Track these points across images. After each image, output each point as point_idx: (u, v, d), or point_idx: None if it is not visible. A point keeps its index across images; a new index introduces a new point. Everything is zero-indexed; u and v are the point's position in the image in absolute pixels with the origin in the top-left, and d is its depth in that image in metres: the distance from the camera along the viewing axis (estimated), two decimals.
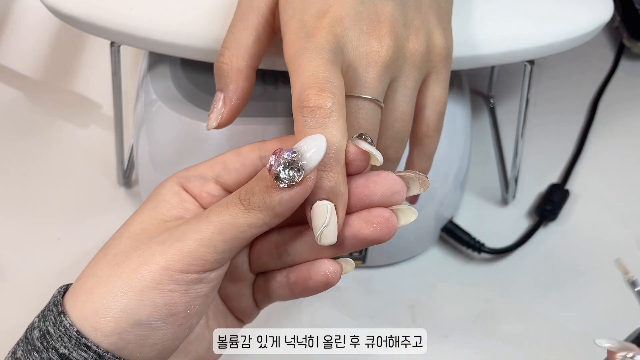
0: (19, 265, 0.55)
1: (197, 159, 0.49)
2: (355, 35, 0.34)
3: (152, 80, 0.51)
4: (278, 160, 0.30)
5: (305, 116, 0.31)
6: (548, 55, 0.46)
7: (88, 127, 0.63)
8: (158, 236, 0.32)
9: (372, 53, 0.34)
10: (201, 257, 0.31)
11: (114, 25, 0.44)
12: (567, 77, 0.68)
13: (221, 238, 0.31)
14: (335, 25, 0.33)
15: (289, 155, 0.30)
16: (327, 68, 0.31)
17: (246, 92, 0.37)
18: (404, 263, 0.57)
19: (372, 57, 0.34)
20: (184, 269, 0.31)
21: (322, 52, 0.32)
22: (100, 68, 0.66)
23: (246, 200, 0.31)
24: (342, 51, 0.33)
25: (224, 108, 0.37)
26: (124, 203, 0.59)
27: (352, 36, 0.34)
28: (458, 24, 0.44)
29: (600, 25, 0.46)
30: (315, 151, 0.30)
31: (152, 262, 0.31)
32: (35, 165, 0.61)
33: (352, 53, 0.34)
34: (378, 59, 0.34)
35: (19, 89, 0.66)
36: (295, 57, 0.32)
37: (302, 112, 0.31)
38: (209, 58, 0.44)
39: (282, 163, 0.30)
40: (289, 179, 0.30)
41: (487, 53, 0.45)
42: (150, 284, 0.31)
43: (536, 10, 0.46)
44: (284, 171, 0.30)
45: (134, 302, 0.31)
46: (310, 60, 0.32)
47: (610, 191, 0.61)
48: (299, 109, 0.31)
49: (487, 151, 0.63)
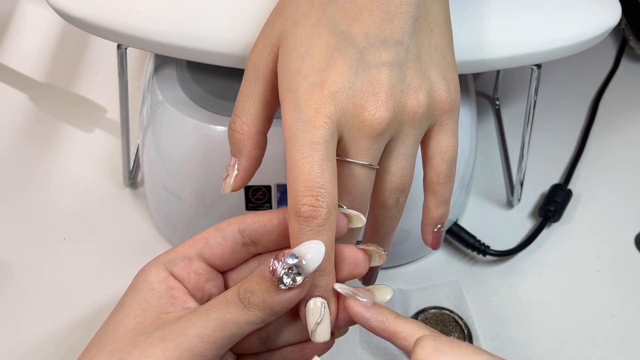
0: (25, 265, 0.55)
1: (202, 159, 0.50)
2: (349, 110, 0.34)
3: (158, 81, 0.51)
4: (281, 264, 0.32)
5: (301, 224, 0.33)
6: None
7: (94, 128, 0.63)
8: (156, 331, 0.33)
9: (365, 126, 0.34)
10: (201, 353, 0.32)
11: (121, 28, 0.44)
12: (567, 76, 0.68)
13: (221, 335, 0.32)
14: (329, 103, 0.34)
15: (292, 260, 0.32)
16: (321, 168, 0.33)
17: (258, 158, 0.38)
18: (408, 265, 0.57)
19: (364, 130, 0.34)
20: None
21: (317, 146, 0.33)
22: (106, 70, 0.66)
23: (246, 299, 0.33)
24: (336, 129, 0.34)
25: (237, 172, 0.38)
26: (130, 204, 0.59)
27: (346, 111, 0.34)
28: (467, 29, 0.44)
29: (608, 30, 0.46)
30: (314, 256, 0.32)
31: (153, 358, 0.32)
32: (40, 166, 0.61)
33: (346, 126, 0.35)
34: (371, 131, 0.35)
35: (24, 91, 0.66)
36: (290, 145, 0.34)
37: (298, 220, 0.33)
38: (216, 61, 0.44)
39: (285, 267, 0.32)
40: (291, 283, 0.32)
41: (494, 57, 0.45)
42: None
43: (544, 14, 0.46)
44: (287, 276, 0.32)
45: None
46: (305, 157, 0.33)
47: (612, 190, 0.61)
48: (295, 217, 0.33)
49: (492, 153, 0.63)
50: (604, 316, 0.54)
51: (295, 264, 0.32)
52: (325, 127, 0.34)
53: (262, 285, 0.32)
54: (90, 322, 0.53)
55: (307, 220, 0.33)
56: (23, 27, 0.70)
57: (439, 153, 0.38)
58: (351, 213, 0.35)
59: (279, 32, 0.37)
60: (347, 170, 0.35)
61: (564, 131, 0.65)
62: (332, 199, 0.33)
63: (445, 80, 0.37)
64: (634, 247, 0.58)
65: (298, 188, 0.33)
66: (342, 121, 0.34)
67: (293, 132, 0.34)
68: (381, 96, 0.35)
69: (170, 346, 0.32)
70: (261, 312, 0.32)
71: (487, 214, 0.59)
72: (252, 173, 0.38)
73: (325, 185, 0.33)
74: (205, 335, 0.32)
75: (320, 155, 0.33)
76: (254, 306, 0.32)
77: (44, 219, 0.58)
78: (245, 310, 0.32)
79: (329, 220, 0.33)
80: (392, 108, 0.35)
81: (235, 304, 0.33)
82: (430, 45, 0.37)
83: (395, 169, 0.37)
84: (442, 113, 0.37)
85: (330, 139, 0.34)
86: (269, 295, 0.32)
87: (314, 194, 0.33)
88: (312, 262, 0.32)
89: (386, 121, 0.35)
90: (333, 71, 0.34)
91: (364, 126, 0.34)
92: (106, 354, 0.33)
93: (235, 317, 0.32)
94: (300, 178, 0.33)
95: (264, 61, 0.37)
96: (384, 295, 0.35)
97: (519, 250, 0.57)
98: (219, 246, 0.36)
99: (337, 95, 0.34)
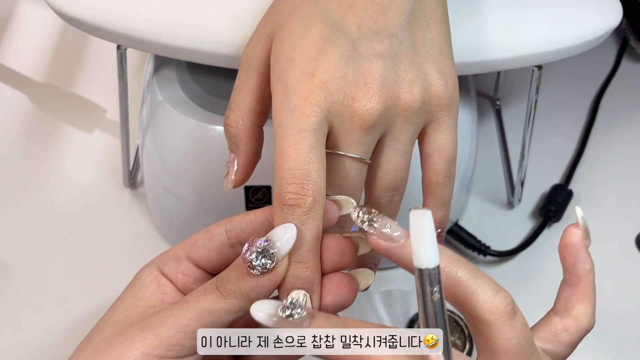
0: (25, 265, 0.55)
1: (202, 159, 0.50)
2: (339, 100, 0.34)
3: (158, 82, 0.51)
4: (251, 248, 0.31)
5: (285, 212, 0.32)
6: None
7: (93, 128, 0.63)
8: (139, 322, 0.33)
9: (355, 117, 0.34)
10: (179, 342, 0.32)
11: (121, 29, 0.44)
12: (568, 76, 0.68)
13: (199, 324, 0.32)
14: (319, 92, 0.33)
15: (262, 243, 0.31)
16: (308, 156, 0.32)
17: (255, 151, 0.38)
18: None
19: (355, 122, 0.34)
20: (162, 355, 0.32)
21: (304, 134, 0.33)
22: (105, 70, 0.66)
23: (222, 287, 0.32)
24: (326, 118, 0.34)
25: (236, 168, 0.38)
26: (129, 204, 0.59)
27: (336, 101, 0.34)
28: (468, 29, 0.44)
29: (609, 30, 0.46)
30: (286, 240, 0.31)
31: (132, 348, 0.32)
32: (40, 166, 0.61)
33: (336, 117, 0.34)
34: (362, 123, 0.34)
35: (24, 91, 0.66)
36: (278, 134, 0.33)
37: (282, 209, 0.32)
38: (216, 62, 0.44)
39: (255, 251, 0.31)
40: (262, 267, 0.31)
41: (495, 58, 0.44)
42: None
43: (545, 15, 0.46)
44: (256, 259, 0.31)
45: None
46: (292, 145, 0.32)
47: (612, 191, 0.61)
48: (279, 205, 0.32)
49: (493, 153, 0.63)
50: (604, 316, 0.54)
51: (265, 247, 0.31)
52: (314, 115, 0.33)
53: (237, 272, 0.32)
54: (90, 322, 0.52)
55: (292, 209, 0.32)
56: (23, 28, 0.70)
57: (437, 151, 0.37)
58: (340, 198, 0.34)
59: (274, 25, 0.36)
60: (337, 163, 0.35)
61: (564, 131, 0.65)
62: (319, 187, 0.32)
63: (442, 75, 0.36)
64: (635, 247, 0.58)
65: (283, 176, 0.32)
66: (333, 111, 0.34)
67: (281, 120, 0.33)
68: (373, 87, 0.34)
69: (149, 336, 0.32)
70: (238, 300, 0.32)
71: (487, 214, 0.59)
72: (252, 167, 0.38)
73: (312, 173, 0.32)
74: (183, 325, 0.32)
75: (307, 142, 0.33)
76: (231, 294, 0.32)
77: (44, 219, 0.58)
78: (222, 298, 0.32)
79: (315, 209, 0.32)
80: (384, 100, 0.34)
81: (213, 293, 0.32)
82: (426, 40, 0.36)
83: (388, 165, 0.36)
84: (439, 109, 0.36)
85: (319, 127, 0.33)
86: (244, 281, 0.32)
87: (299, 181, 0.32)
88: (283, 246, 0.31)
89: (377, 113, 0.34)
90: (324, 60, 0.34)
91: (354, 117, 0.34)
92: (93, 345, 0.33)
93: (211, 306, 0.32)
94: (286, 165, 0.32)
95: (257, 54, 0.37)
96: (366, 279, 0.35)
97: (519, 251, 0.57)
98: (204, 247, 0.35)
99: (328, 85, 0.34)
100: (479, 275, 0.30)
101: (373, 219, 0.31)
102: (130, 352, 0.32)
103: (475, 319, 0.30)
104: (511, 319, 0.30)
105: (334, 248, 0.34)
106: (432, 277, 0.27)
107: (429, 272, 0.27)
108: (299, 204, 0.32)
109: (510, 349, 0.30)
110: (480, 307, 0.30)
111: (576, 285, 0.34)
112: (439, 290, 0.28)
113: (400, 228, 0.30)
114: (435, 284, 0.28)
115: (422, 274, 0.27)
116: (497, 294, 0.30)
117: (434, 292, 0.27)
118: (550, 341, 0.33)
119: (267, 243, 0.31)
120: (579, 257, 0.34)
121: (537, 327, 0.34)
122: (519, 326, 0.30)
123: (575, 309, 0.34)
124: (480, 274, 0.30)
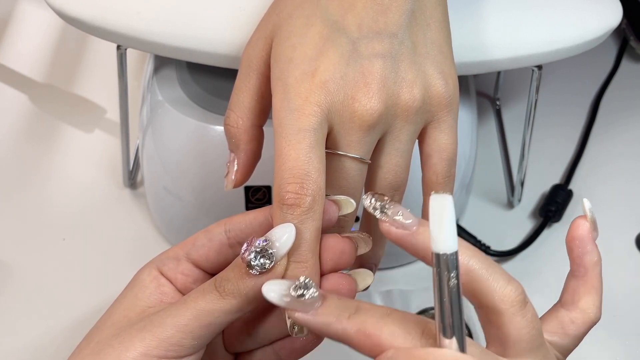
0: (25, 265, 0.55)
1: (202, 159, 0.50)
2: (339, 100, 0.34)
3: (158, 82, 0.51)
4: (250, 248, 0.31)
5: (284, 212, 0.32)
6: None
7: (93, 128, 0.63)
8: (138, 323, 0.33)
9: (355, 117, 0.34)
10: (178, 342, 0.32)
11: (121, 29, 0.44)
12: (568, 76, 0.68)
13: (197, 324, 0.32)
14: (319, 91, 0.33)
15: (260, 243, 0.31)
16: (307, 156, 0.32)
17: (255, 151, 0.38)
18: (408, 265, 0.57)
19: (355, 122, 0.34)
20: (161, 355, 0.32)
21: (304, 134, 0.33)
22: (105, 70, 0.66)
23: (221, 287, 0.32)
24: (326, 118, 0.34)
25: (237, 167, 0.38)
26: (129, 204, 0.59)
27: (336, 101, 0.34)
28: (468, 29, 0.44)
29: (609, 31, 0.46)
30: (285, 239, 0.31)
31: (131, 348, 0.32)
32: (40, 166, 0.61)
33: (336, 117, 0.34)
34: (362, 123, 0.34)
35: (24, 91, 0.66)
36: (278, 133, 0.33)
37: (281, 208, 0.32)
38: (216, 62, 0.44)
39: (253, 251, 0.31)
40: (261, 266, 0.31)
41: (495, 58, 0.45)
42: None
43: (545, 15, 0.46)
44: (255, 259, 0.31)
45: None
46: (292, 145, 0.33)
47: (613, 191, 0.61)
48: (279, 204, 0.32)
49: (493, 153, 0.63)
50: (604, 316, 0.54)
51: (264, 247, 0.31)
52: (314, 115, 0.33)
53: (236, 272, 0.32)
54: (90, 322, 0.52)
55: (291, 208, 0.32)
56: (22, 28, 0.70)
57: (437, 151, 0.37)
58: (340, 198, 0.35)
59: (274, 25, 0.36)
60: (337, 163, 0.35)
61: (564, 131, 0.65)
62: (318, 187, 0.32)
63: (442, 75, 0.36)
64: (635, 247, 0.58)
65: (283, 175, 0.32)
66: (333, 111, 0.34)
67: (281, 120, 0.33)
68: (373, 87, 0.34)
69: (148, 336, 0.32)
70: (236, 300, 0.32)
71: (487, 214, 0.59)
72: (252, 167, 0.38)
73: (311, 173, 0.32)
74: (181, 325, 0.32)
75: (307, 142, 0.33)
76: (229, 294, 0.32)
77: (44, 219, 0.58)
78: (220, 298, 0.32)
79: (314, 209, 0.32)
80: (384, 100, 0.34)
81: (211, 293, 0.32)
82: (426, 40, 0.36)
83: (388, 165, 0.36)
84: (439, 109, 0.36)
85: (319, 127, 0.33)
86: (242, 281, 0.32)
87: (299, 181, 0.32)
88: (282, 245, 0.31)
89: (377, 113, 0.34)
90: (324, 60, 0.34)
91: (354, 117, 0.34)
92: (92, 345, 0.33)
93: (210, 306, 0.32)
94: (286, 165, 0.32)
95: (257, 53, 0.37)
96: (364, 279, 0.35)
97: (519, 251, 0.57)
98: (204, 247, 0.35)
99: (328, 85, 0.34)
100: (491, 265, 0.30)
101: (385, 206, 0.31)
102: (129, 352, 0.32)
103: (486, 307, 0.30)
104: (522, 309, 0.30)
105: (333, 248, 0.34)
106: (449, 262, 0.27)
107: (447, 258, 0.27)
108: (299, 204, 0.32)
109: (521, 339, 0.30)
110: (492, 296, 0.30)
111: (583, 277, 0.34)
112: (455, 276, 0.27)
113: (412, 216, 0.30)
114: (452, 269, 0.27)
115: (439, 259, 0.27)
116: (509, 283, 0.30)
117: (451, 278, 0.27)
118: (557, 333, 0.33)
119: (266, 243, 0.31)
120: (587, 249, 0.34)
121: (543, 320, 0.34)
122: (530, 316, 0.30)
123: (582, 301, 0.34)
124: (493, 264, 0.30)
